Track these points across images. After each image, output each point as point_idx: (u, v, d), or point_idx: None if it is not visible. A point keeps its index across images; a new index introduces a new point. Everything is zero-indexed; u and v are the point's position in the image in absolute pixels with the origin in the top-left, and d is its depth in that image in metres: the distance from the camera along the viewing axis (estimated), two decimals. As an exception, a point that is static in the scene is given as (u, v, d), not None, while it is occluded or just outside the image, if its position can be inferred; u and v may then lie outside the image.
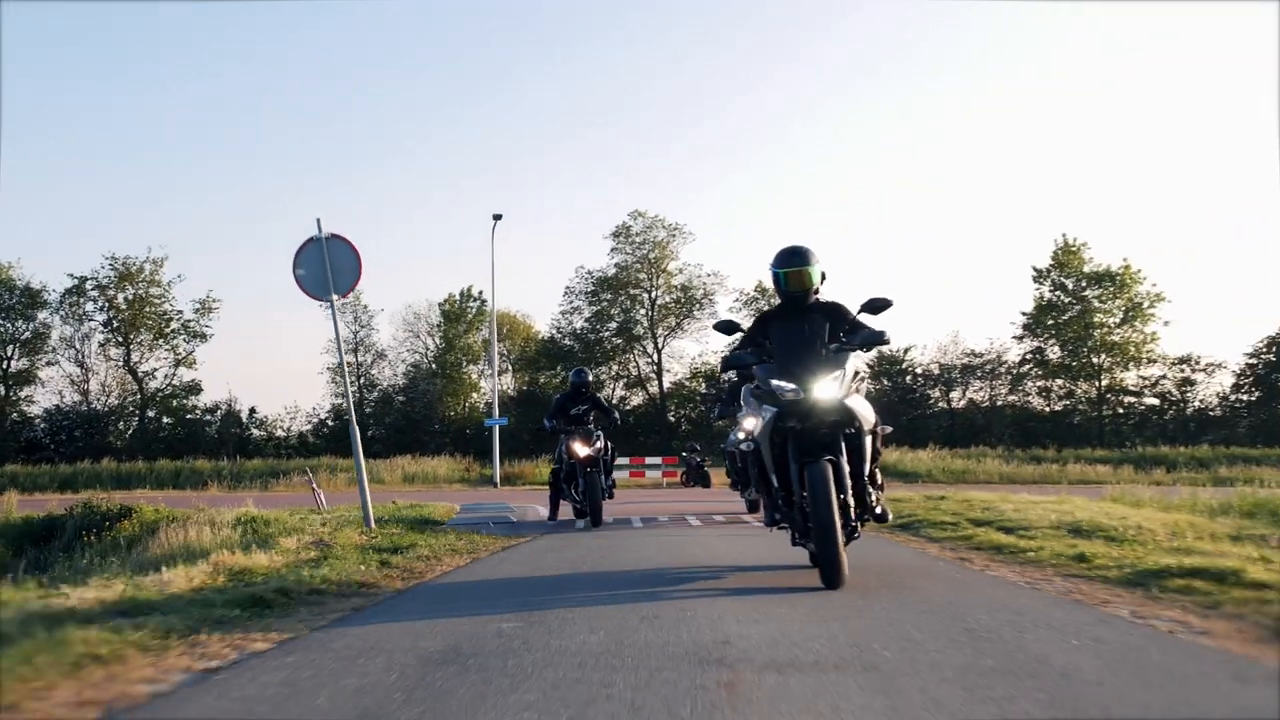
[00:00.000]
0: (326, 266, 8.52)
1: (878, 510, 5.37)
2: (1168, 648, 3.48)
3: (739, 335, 5.76)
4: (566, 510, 11.40)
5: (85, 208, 56.55)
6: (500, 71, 62.54)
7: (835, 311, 5.59)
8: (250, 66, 60.07)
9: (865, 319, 5.49)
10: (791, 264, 5.55)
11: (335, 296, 8.66)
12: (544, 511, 12.29)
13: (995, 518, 8.87)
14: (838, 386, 5.11)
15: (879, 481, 5.55)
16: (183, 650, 3.58)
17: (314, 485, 14.99)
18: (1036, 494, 14.46)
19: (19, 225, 53.95)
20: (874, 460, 5.37)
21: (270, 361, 56.42)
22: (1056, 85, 60.04)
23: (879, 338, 5.36)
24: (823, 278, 5.62)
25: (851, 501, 5.08)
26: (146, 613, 4.16)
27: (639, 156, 63.14)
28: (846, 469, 5.08)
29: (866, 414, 5.22)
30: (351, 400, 10.18)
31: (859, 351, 5.38)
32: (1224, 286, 56.85)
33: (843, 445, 5.14)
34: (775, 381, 5.16)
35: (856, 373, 5.32)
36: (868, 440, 5.25)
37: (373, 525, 8.72)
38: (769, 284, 6.19)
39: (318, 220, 8.48)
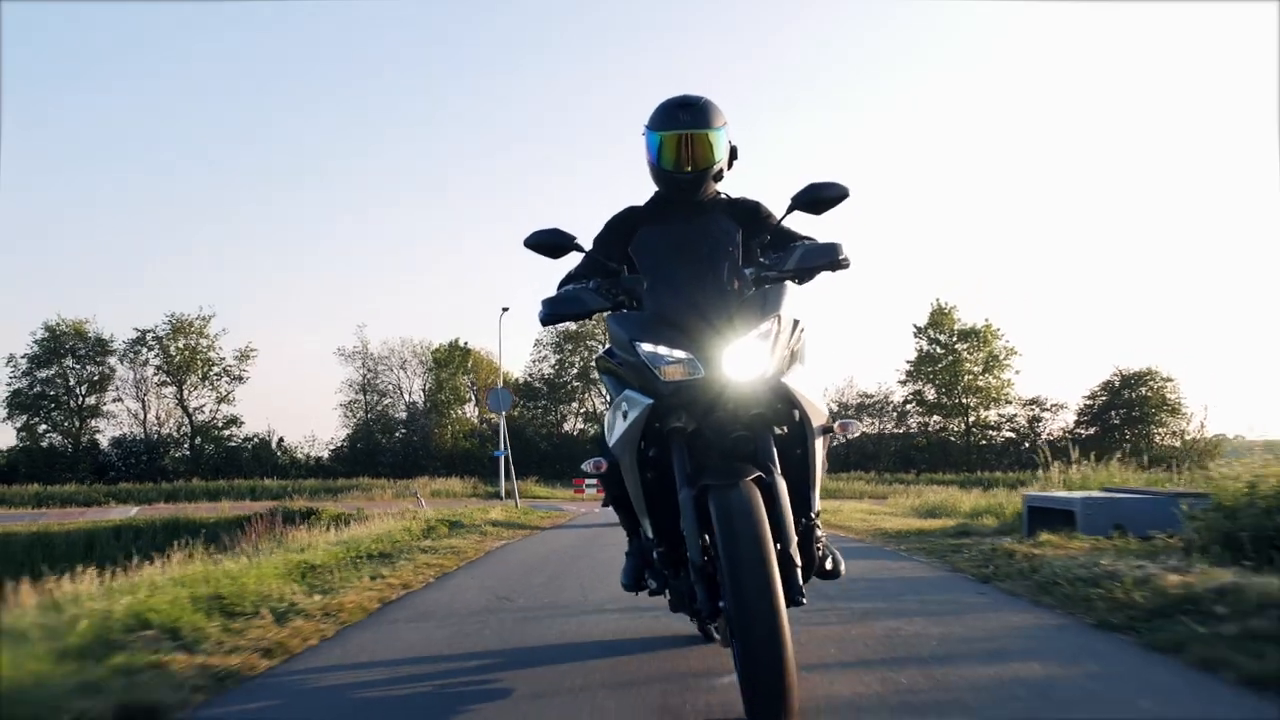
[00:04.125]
0: (500, 399, 19.67)
1: (827, 564, 2.91)
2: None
3: (576, 255, 2.96)
4: None
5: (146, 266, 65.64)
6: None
7: (751, 212, 3.13)
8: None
9: (799, 225, 3.07)
10: (679, 124, 2.97)
11: (503, 412, 19.63)
12: (573, 508, 21.57)
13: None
14: (768, 350, 2.59)
15: (818, 510, 2.85)
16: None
17: (418, 495, 24.27)
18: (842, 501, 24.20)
19: (92, 284, 63.15)
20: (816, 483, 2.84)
21: (285, 393, 65.68)
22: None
23: (830, 255, 2.78)
24: (733, 155, 3.12)
25: (797, 554, 2.51)
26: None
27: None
28: (785, 494, 2.54)
29: (814, 399, 2.71)
30: (506, 440, 20.60)
31: (794, 283, 2.82)
32: (1072, 335, 68.67)
33: (775, 453, 2.62)
34: (646, 347, 2.58)
35: (795, 324, 2.79)
36: (818, 444, 2.73)
37: (518, 505, 18.32)
38: None
39: (503, 378, 18.68)
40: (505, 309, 30.37)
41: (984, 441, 53.36)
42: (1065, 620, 3.87)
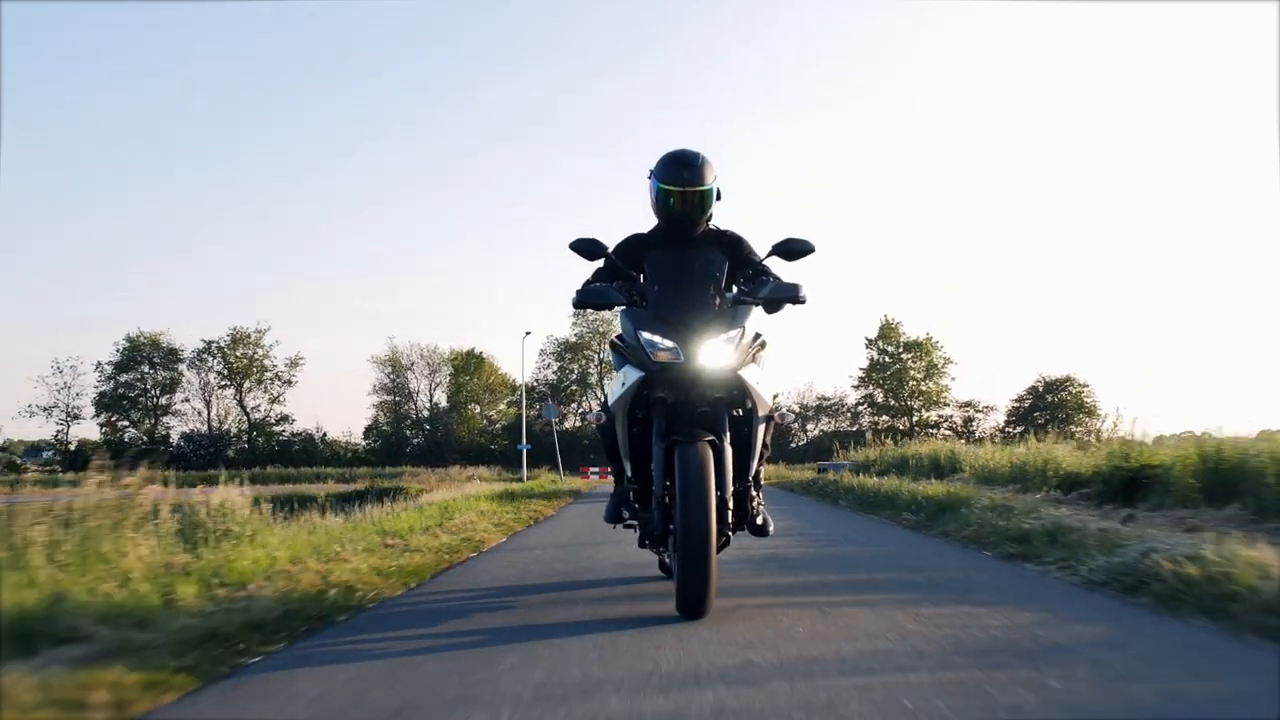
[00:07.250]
0: (550, 409, 29.79)
1: (758, 520, 4.08)
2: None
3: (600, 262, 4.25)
4: None
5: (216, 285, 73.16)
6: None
7: (735, 247, 4.25)
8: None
9: (775, 265, 4.19)
10: (682, 181, 4.06)
11: (554, 419, 29.17)
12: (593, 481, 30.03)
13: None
14: (731, 350, 3.76)
15: (761, 483, 4.24)
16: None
17: (475, 477, 32.39)
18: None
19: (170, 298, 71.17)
20: (762, 457, 4.08)
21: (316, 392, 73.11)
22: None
23: (792, 292, 3.97)
24: (717, 197, 4.19)
25: (730, 501, 3.74)
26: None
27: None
28: (730, 456, 3.76)
29: (763, 392, 3.93)
30: (557, 438, 29.34)
31: (761, 309, 4.05)
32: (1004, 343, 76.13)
33: (727, 427, 3.82)
34: (646, 335, 3.79)
35: (756, 336, 4.01)
36: (761, 428, 3.95)
37: (561, 477, 27.04)
38: None
39: (551, 397, 27.70)
40: (528, 333, 37.96)
41: (926, 438, 61.46)
42: (786, 492, 12.60)
